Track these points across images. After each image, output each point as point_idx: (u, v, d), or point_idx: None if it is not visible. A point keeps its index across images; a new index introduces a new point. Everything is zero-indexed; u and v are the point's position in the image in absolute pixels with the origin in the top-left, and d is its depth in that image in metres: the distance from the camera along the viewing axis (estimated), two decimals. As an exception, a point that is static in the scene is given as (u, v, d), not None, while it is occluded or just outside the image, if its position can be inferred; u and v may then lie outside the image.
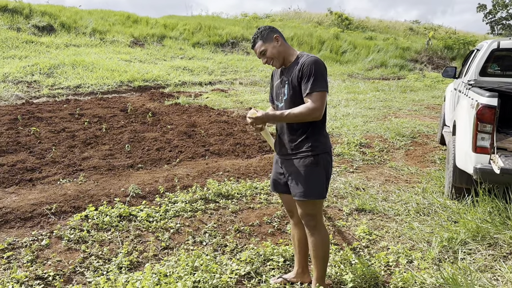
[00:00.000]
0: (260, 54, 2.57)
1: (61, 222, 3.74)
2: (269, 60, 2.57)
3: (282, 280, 2.88)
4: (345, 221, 3.95)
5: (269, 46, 2.54)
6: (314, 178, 2.50)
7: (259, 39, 2.56)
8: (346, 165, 5.65)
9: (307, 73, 2.40)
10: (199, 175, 5.11)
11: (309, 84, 2.37)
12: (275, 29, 2.59)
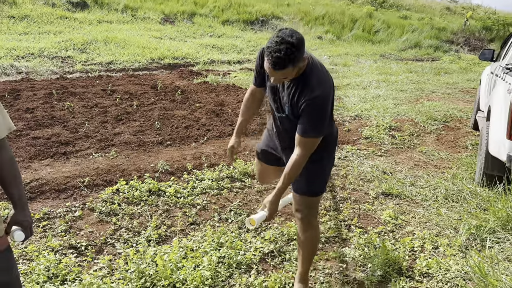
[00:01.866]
0: (279, 78, 2.00)
1: (93, 195, 3.88)
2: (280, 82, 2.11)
3: None
4: (370, 205, 3.93)
5: (294, 71, 2.00)
6: (322, 173, 2.42)
7: (291, 65, 1.92)
8: (374, 149, 5.58)
9: (307, 115, 2.07)
10: (226, 154, 5.16)
11: (305, 126, 2.09)
12: (303, 42, 1.97)
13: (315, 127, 2.09)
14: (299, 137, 2.12)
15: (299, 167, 2.15)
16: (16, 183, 1.79)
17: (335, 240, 3.32)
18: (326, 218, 3.64)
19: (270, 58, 1.89)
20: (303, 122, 2.09)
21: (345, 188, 4.33)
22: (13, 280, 1.76)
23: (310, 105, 2.04)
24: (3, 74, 8.91)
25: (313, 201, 2.46)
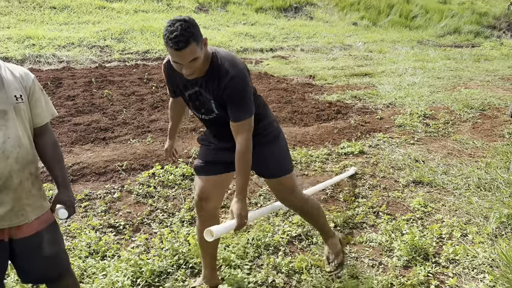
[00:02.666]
0: (190, 62, 1.91)
1: (131, 178, 4.09)
2: (193, 72, 1.99)
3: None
4: (400, 193, 3.94)
5: (201, 52, 1.94)
6: (284, 150, 2.42)
7: (193, 40, 1.87)
8: (406, 137, 5.52)
9: (232, 98, 2.05)
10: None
11: (235, 112, 2.06)
12: (196, 22, 1.94)
13: (244, 109, 2.06)
14: (234, 124, 2.08)
15: (248, 152, 2.09)
16: (60, 165, 1.91)
17: (362, 226, 3.36)
18: (354, 204, 3.68)
19: (170, 41, 1.84)
20: (231, 109, 2.07)
21: (374, 175, 4.34)
22: (60, 252, 1.94)
23: (230, 87, 2.02)
24: (45, 63, 9.35)
25: (290, 180, 2.46)
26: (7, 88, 1.70)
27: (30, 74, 1.84)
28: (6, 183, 1.68)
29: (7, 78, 1.73)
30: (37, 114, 1.83)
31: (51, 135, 1.91)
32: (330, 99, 7.52)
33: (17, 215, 1.74)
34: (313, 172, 4.38)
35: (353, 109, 6.97)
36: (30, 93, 1.80)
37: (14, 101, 1.71)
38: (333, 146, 5.18)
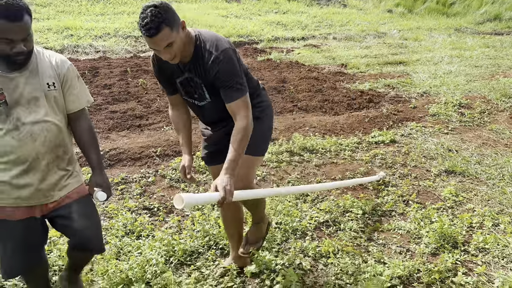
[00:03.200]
0: (165, 47, 1.88)
1: (164, 164, 4.24)
2: (173, 57, 1.95)
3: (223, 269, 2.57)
4: (431, 182, 3.89)
5: (177, 36, 1.90)
6: (264, 131, 2.34)
7: (165, 24, 1.84)
8: (440, 126, 5.41)
9: (221, 79, 2.00)
10: (286, 129, 5.31)
11: (231, 92, 2.02)
12: (169, 5, 1.91)
13: (236, 88, 2.01)
14: (230, 105, 2.03)
15: (249, 128, 2.03)
16: (94, 149, 1.99)
17: (391, 214, 3.36)
18: (384, 193, 3.68)
19: (143, 28, 1.83)
20: (223, 90, 2.02)
21: (406, 165, 4.31)
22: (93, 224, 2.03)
23: (217, 68, 1.98)
24: (83, 53, 9.69)
25: (257, 162, 2.34)
26: (41, 76, 1.81)
27: (66, 62, 1.92)
28: (32, 164, 1.80)
29: (42, 66, 1.83)
30: (71, 101, 1.91)
31: (86, 120, 1.98)
32: (362, 88, 7.43)
33: (45, 195, 1.87)
34: (342, 161, 4.39)
35: (386, 98, 6.87)
36: (63, 80, 1.88)
37: (46, 88, 1.82)
38: (363, 135, 5.16)
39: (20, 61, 1.72)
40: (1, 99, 1.72)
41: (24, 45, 1.68)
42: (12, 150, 1.75)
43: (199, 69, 2.04)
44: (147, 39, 1.87)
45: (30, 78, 1.79)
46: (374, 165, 4.28)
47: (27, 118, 1.75)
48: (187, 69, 2.07)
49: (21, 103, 1.76)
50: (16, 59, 1.70)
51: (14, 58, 1.69)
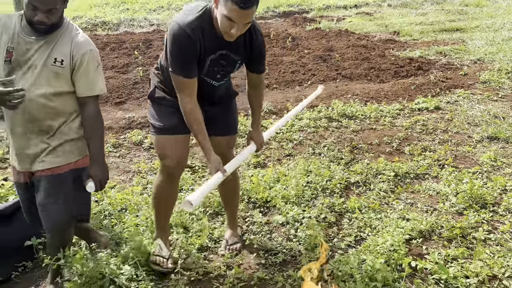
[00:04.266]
0: (244, 24, 1.86)
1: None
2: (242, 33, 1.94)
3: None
4: (472, 147, 3.83)
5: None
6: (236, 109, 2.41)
7: (256, 2, 1.82)
8: (489, 93, 5.20)
9: (262, 53, 2.12)
10: (327, 97, 5.35)
11: (261, 64, 2.17)
12: None
13: (265, 61, 2.20)
14: (262, 75, 2.19)
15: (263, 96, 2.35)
16: (95, 139, 1.95)
17: (424, 176, 3.39)
18: (420, 157, 3.68)
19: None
20: (260, 62, 2.14)
21: (447, 131, 4.25)
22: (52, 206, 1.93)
23: (261, 42, 2.08)
24: (138, 26, 10.15)
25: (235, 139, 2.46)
26: (54, 49, 1.81)
27: (87, 46, 1.87)
28: (13, 129, 1.88)
29: (62, 42, 1.83)
30: (81, 85, 1.88)
31: (93, 108, 1.93)
32: (412, 55, 7.22)
33: (28, 162, 1.91)
34: (381, 127, 4.40)
35: (436, 65, 6.65)
36: (77, 62, 1.84)
37: (50, 61, 1.81)
38: (407, 102, 5.09)
39: (41, 29, 1.76)
40: (8, 57, 1.79)
41: (47, 16, 1.72)
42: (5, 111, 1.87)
43: (246, 46, 2.04)
44: (236, 9, 1.75)
45: (43, 47, 1.81)
46: (414, 131, 4.27)
47: (17, 82, 1.76)
48: (228, 46, 1.99)
49: (21, 67, 1.80)
50: (38, 27, 1.75)
51: (36, 26, 1.74)
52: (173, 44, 1.91)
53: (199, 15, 1.93)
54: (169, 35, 1.93)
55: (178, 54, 1.92)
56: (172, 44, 1.92)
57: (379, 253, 2.30)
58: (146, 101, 5.33)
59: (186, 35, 1.89)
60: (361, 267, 2.22)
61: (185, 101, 1.99)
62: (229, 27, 1.84)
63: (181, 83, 1.97)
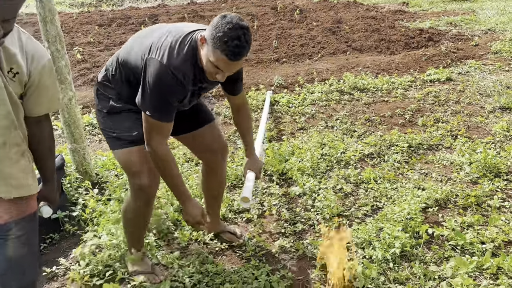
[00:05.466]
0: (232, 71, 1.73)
1: (219, 103, 4.52)
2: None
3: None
4: (484, 118, 3.84)
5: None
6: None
7: (248, 50, 1.67)
8: (501, 64, 5.16)
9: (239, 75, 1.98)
10: (338, 70, 5.34)
11: (241, 84, 2.03)
12: None
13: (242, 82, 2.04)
14: (241, 94, 2.06)
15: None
16: (51, 156, 1.69)
17: (438, 147, 3.42)
18: (433, 128, 3.70)
19: (231, 53, 1.59)
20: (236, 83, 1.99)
21: (459, 102, 4.25)
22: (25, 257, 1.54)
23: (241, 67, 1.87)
24: (143, 1, 10.03)
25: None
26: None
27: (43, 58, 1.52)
28: None
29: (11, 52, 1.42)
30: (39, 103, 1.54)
31: (50, 124, 1.64)
32: (422, 26, 7.14)
33: None
34: (393, 99, 4.41)
35: (447, 36, 6.57)
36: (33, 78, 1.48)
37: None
38: (418, 74, 5.07)
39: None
40: None
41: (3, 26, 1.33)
42: None
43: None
44: (224, 60, 1.61)
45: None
46: (426, 103, 4.27)
47: None
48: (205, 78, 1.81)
49: None
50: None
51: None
52: (159, 87, 1.68)
53: (188, 56, 1.72)
54: (155, 76, 1.67)
55: (163, 98, 1.70)
56: (156, 86, 1.68)
57: (396, 221, 2.36)
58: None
59: (176, 81, 1.69)
60: (379, 235, 2.29)
61: (157, 142, 1.75)
62: (214, 73, 1.70)
63: (157, 126, 1.73)
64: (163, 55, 1.68)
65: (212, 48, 1.61)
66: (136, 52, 1.78)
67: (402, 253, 2.18)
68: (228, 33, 1.57)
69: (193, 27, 1.82)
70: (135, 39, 1.89)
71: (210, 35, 1.61)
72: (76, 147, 2.87)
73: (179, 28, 1.80)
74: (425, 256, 2.15)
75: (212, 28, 1.61)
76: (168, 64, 1.67)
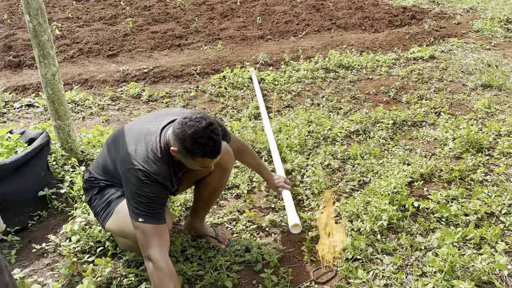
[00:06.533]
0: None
1: (204, 81, 4.47)
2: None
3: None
4: (466, 95, 3.92)
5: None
6: None
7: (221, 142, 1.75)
8: (483, 42, 5.24)
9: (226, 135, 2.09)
10: (323, 48, 5.33)
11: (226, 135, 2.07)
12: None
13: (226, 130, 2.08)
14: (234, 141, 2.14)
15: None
16: None
17: (421, 124, 3.48)
18: (417, 105, 3.76)
19: (210, 153, 1.66)
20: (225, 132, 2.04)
21: (442, 79, 4.31)
22: None
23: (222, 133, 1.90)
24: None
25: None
26: None
27: None
28: None
29: None
30: None
31: None
32: (405, 4, 7.15)
33: None
34: (378, 77, 4.44)
35: (430, 14, 6.61)
36: None
37: None
38: (402, 52, 5.11)
39: None
40: None
41: None
42: None
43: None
44: (209, 161, 1.70)
45: None
46: (410, 80, 4.32)
47: None
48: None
49: None
50: None
51: None
52: (144, 193, 1.68)
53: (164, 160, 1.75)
54: (138, 182, 1.68)
55: (150, 202, 1.68)
56: (142, 193, 1.68)
57: (383, 195, 2.41)
58: (139, 53, 5.25)
59: (158, 184, 1.70)
60: (366, 208, 2.34)
61: (156, 256, 1.63)
62: (205, 170, 1.85)
63: (152, 232, 1.66)
64: (141, 163, 1.70)
65: (191, 157, 1.67)
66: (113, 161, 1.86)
67: (389, 225, 2.24)
68: (198, 140, 1.62)
69: (161, 121, 1.84)
70: (108, 146, 1.93)
71: (182, 148, 1.66)
72: (60, 124, 2.81)
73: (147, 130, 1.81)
74: (412, 228, 2.22)
75: (179, 140, 1.65)
76: (146, 169, 1.69)
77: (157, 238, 1.65)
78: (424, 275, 1.92)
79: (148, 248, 1.64)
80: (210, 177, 2.03)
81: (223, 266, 1.99)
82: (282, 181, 2.35)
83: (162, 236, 1.67)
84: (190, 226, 2.22)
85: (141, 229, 1.66)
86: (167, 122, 1.83)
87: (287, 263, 2.07)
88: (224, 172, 2.04)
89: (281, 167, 2.59)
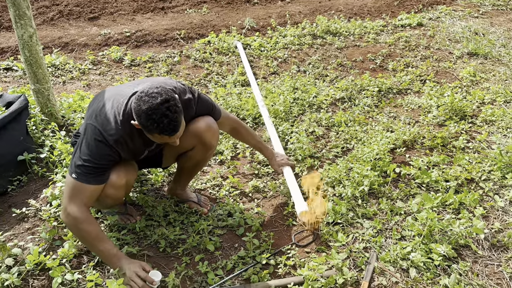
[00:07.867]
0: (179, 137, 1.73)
1: (189, 45, 4.36)
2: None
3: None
4: (452, 63, 3.91)
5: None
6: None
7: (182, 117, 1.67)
8: (471, 10, 5.20)
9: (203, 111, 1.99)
10: (311, 13, 5.22)
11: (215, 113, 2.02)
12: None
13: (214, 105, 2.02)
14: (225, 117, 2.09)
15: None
16: None
17: (406, 91, 3.48)
18: (403, 73, 3.74)
19: (164, 131, 1.60)
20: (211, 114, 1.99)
21: (429, 47, 4.28)
22: None
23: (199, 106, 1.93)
24: None
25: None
26: None
27: None
28: None
29: None
30: None
31: None
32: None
33: None
34: (365, 44, 4.39)
35: (419, -19, 6.49)
36: None
37: None
38: (390, 18, 5.04)
39: None
40: None
41: None
42: None
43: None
44: (166, 138, 1.65)
45: None
46: (397, 48, 4.28)
47: None
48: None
49: None
50: None
51: None
52: (91, 151, 1.67)
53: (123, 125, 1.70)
54: (89, 138, 1.68)
55: (93, 159, 1.68)
56: (88, 148, 1.68)
57: (365, 161, 2.43)
58: (121, 16, 5.07)
59: (108, 147, 1.69)
60: (348, 174, 2.36)
61: (73, 210, 1.67)
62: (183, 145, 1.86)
63: (79, 190, 1.68)
64: (99, 122, 1.69)
65: (150, 133, 1.64)
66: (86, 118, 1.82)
67: (370, 190, 2.27)
68: (152, 116, 1.57)
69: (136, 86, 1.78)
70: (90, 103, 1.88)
71: (141, 124, 1.62)
72: (39, 88, 2.72)
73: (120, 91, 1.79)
74: (392, 193, 2.25)
75: (136, 115, 1.61)
76: (99, 130, 1.68)
77: (81, 196, 1.69)
78: (403, 239, 1.96)
79: (70, 203, 1.68)
80: (192, 152, 2.00)
81: (206, 230, 2.00)
82: (285, 160, 2.33)
83: (87, 195, 1.70)
84: (172, 192, 2.22)
85: (71, 183, 1.69)
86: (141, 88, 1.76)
87: (269, 228, 2.10)
88: (208, 149, 2.01)
89: (280, 145, 2.54)
